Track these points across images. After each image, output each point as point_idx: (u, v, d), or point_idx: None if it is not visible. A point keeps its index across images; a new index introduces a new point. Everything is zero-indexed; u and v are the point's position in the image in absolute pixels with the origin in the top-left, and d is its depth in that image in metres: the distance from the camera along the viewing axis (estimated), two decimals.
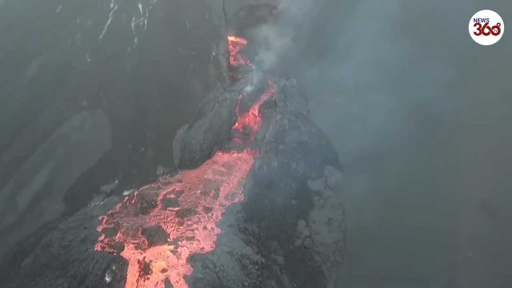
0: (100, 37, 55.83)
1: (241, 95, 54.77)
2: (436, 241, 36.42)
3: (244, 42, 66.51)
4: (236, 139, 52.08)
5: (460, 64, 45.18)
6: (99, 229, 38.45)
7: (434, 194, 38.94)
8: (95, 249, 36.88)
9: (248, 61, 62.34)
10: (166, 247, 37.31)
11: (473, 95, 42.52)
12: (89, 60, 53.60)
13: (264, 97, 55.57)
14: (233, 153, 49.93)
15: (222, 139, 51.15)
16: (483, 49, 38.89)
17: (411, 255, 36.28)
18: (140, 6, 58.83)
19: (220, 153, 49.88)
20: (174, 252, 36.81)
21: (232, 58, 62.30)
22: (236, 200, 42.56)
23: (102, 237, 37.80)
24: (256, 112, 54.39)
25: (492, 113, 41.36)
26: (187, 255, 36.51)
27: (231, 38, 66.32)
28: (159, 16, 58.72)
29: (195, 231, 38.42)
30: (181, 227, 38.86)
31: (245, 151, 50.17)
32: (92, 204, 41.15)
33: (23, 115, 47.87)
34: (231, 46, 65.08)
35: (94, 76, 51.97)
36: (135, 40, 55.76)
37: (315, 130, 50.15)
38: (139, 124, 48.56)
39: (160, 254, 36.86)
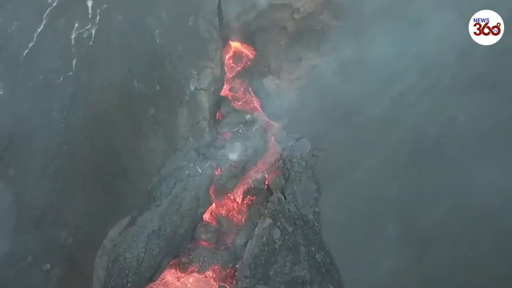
0: (24, 54, 36.15)
1: (220, 169, 34.74)
2: None
3: (253, 52, 44.65)
4: (203, 242, 33.39)
5: None
6: None
7: None
8: None
9: (252, 94, 41.19)
10: None
11: None
12: (1, 92, 34.82)
13: (256, 175, 35.35)
14: (191, 272, 31.56)
15: (180, 244, 32.68)
16: None
17: None
18: (89, 3, 37.82)
19: (170, 272, 31.61)
20: None
21: (228, 86, 41.25)
22: None
23: None
24: (240, 199, 34.65)
25: None
26: None
27: (234, 44, 45.05)
28: (116, 22, 38.05)
29: None
30: None
31: (210, 270, 31.57)
32: None
33: None
34: (231, 60, 43.55)
35: (4, 119, 35.06)
36: (73, 63, 35.87)
37: (322, 258, 30.31)
38: (50, 219, 31.20)
39: None
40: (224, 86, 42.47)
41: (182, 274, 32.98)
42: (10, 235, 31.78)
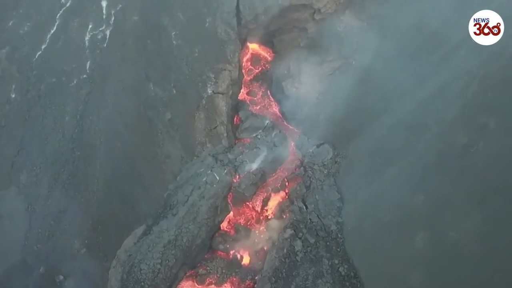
0: (36, 56, 35.04)
1: (238, 176, 33.29)
2: None
3: (271, 54, 43.20)
4: (221, 252, 31.97)
5: None
6: None
7: None
8: None
9: (271, 97, 39.64)
10: None
11: None
12: (13, 95, 33.70)
13: (275, 184, 33.67)
14: (209, 284, 30.17)
15: (197, 255, 31.26)
16: None
17: None
18: (104, 4, 36.55)
19: (187, 283, 30.35)
20: None
21: (246, 89, 39.69)
22: None
23: None
24: (259, 207, 33.12)
25: None
26: None
27: (252, 46, 43.60)
28: (131, 23, 36.78)
29: None
30: None
31: (228, 283, 30.16)
32: None
33: None
34: (249, 63, 42.05)
35: (16, 123, 34.11)
36: (87, 65, 34.59)
37: (346, 272, 28.81)
38: (63, 227, 30.23)
39: None
40: (242, 90, 41.18)
41: (199, 286, 31.64)
42: (21, 244, 30.60)
